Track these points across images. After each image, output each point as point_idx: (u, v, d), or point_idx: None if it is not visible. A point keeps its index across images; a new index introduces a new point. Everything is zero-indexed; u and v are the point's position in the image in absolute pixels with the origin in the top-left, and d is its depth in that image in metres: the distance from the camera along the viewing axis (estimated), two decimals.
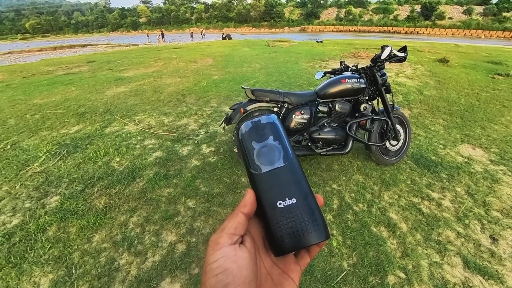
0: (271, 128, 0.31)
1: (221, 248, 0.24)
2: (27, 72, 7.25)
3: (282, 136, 0.31)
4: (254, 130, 0.31)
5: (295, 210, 0.26)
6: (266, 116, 0.33)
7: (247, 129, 0.32)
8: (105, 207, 1.82)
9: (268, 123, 0.32)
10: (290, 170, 0.29)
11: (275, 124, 0.32)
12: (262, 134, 0.31)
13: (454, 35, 40.74)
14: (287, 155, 0.29)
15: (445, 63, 6.80)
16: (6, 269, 1.40)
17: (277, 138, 0.31)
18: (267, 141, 0.30)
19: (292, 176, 0.28)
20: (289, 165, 0.29)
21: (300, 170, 0.30)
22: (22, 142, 2.84)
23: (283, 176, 0.28)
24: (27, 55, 15.06)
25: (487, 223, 1.71)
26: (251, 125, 0.32)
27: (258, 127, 0.31)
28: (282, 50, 9.88)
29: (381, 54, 1.84)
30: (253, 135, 0.31)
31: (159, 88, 4.84)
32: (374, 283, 1.31)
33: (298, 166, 0.30)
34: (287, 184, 0.28)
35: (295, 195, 0.27)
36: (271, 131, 0.31)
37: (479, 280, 1.35)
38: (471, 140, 2.79)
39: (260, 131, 0.31)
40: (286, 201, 0.27)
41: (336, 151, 2.05)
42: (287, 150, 0.30)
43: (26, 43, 39.58)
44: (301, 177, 0.29)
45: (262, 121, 0.32)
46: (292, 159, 0.29)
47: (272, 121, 0.32)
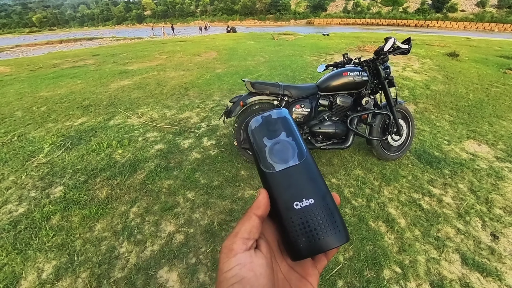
0: (283, 123, 0.30)
1: (236, 255, 0.22)
2: (34, 65, 7.34)
3: (295, 131, 0.29)
4: (265, 126, 0.29)
5: (313, 211, 0.25)
6: (277, 110, 0.31)
7: (257, 125, 0.30)
8: (106, 198, 1.86)
9: (279, 118, 0.30)
10: (305, 168, 0.27)
11: (287, 119, 0.30)
12: (273, 129, 0.29)
13: (466, 28, 39.38)
14: (302, 152, 0.28)
15: (454, 57, 6.60)
16: (12, 255, 1.45)
17: (290, 134, 0.29)
18: (280, 138, 0.28)
19: (308, 175, 0.27)
20: (304, 163, 0.27)
21: (316, 168, 0.28)
22: (29, 134, 2.90)
23: (299, 174, 0.26)
24: (34, 49, 15.23)
25: (489, 220, 1.68)
26: (262, 120, 0.30)
27: (269, 122, 0.30)
28: (287, 43, 9.74)
29: (384, 46, 1.80)
30: (264, 131, 0.29)
31: (163, 81, 4.85)
32: (369, 277, 1.31)
33: (313, 164, 0.28)
34: (304, 183, 0.26)
35: (312, 195, 0.25)
36: (283, 126, 0.29)
37: (476, 277, 1.33)
38: (477, 136, 2.73)
39: (272, 127, 0.29)
40: (303, 201, 0.25)
41: (336, 146, 2.03)
42: (301, 147, 0.28)
43: (33, 36, 40.00)
44: (318, 176, 0.27)
45: (273, 115, 0.30)
46: (307, 156, 0.28)
47: (283, 116, 0.30)
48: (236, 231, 0.24)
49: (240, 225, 0.24)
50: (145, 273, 1.34)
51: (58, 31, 64.95)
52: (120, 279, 1.32)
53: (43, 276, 1.34)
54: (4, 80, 5.52)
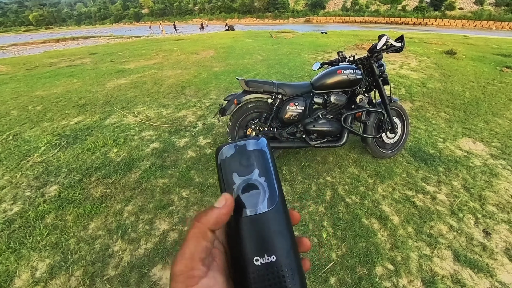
0: (258, 157, 0.26)
1: (199, 282, 0.19)
2: (30, 64, 7.29)
3: (270, 170, 0.26)
4: (237, 158, 0.26)
5: (273, 270, 0.22)
6: (254, 140, 0.27)
7: (229, 155, 0.26)
8: (101, 196, 1.86)
9: (255, 151, 0.26)
10: (274, 217, 0.24)
11: (264, 153, 0.26)
12: (246, 164, 0.25)
13: (464, 26, 39.39)
14: (273, 197, 0.25)
15: (452, 55, 6.60)
16: (6, 253, 1.45)
17: (264, 172, 0.25)
18: (251, 176, 0.25)
19: (276, 226, 0.24)
20: (274, 210, 0.24)
21: (286, 216, 0.25)
22: (24, 133, 2.89)
23: (265, 224, 0.24)
24: (30, 47, 15.12)
25: (482, 217, 1.70)
26: (234, 150, 0.26)
27: (243, 154, 0.26)
28: (285, 42, 9.72)
29: (377, 44, 1.80)
30: (235, 165, 0.25)
31: (159, 80, 4.83)
32: (361, 274, 1.32)
33: (283, 212, 0.25)
34: (269, 236, 0.23)
35: (276, 251, 0.23)
36: (257, 162, 0.26)
37: (468, 273, 1.35)
38: (472, 134, 2.74)
39: (244, 161, 0.25)
40: (264, 257, 0.23)
41: (331, 144, 2.03)
42: (273, 191, 0.25)
43: (29, 35, 39.68)
44: (285, 227, 0.24)
45: (249, 146, 0.26)
46: (278, 202, 0.25)
47: (260, 148, 0.26)
48: (191, 251, 0.20)
49: (194, 244, 0.21)
50: (139, 271, 1.35)
51: (55, 29, 64.45)
52: (114, 277, 1.32)
53: (37, 275, 1.34)
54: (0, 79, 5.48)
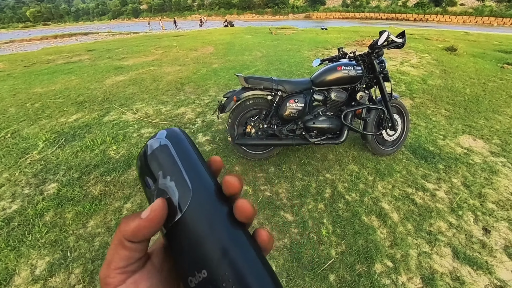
0: (158, 157, 0.22)
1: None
2: (28, 61, 7.23)
3: (175, 163, 0.22)
4: (143, 168, 0.23)
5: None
6: (152, 140, 0.23)
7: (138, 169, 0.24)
8: (100, 194, 1.85)
9: (155, 151, 0.23)
10: (192, 218, 0.19)
11: (164, 148, 0.22)
12: (149, 172, 0.22)
13: (465, 22, 39.12)
14: (185, 193, 0.20)
15: (452, 51, 6.56)
16: (5, 251, 1.45)
17: (168, 171, 0.21)
18: (157, 184, 0.22)
19: (197, 228, 0.19)
20: (190, 210, 0.20)
21: (212, 208, 0.20)
22: (22, 131, 2.87)
23: (184, 233, 0.19)
24: (28, 44, 14.99)
25: (481, 214, 1.70)
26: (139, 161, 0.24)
27: (145, 161, 0.23)
28: (285, 38, 9.64)
29: (378, 40, 1.78)
30: (146, 172, 0.23)
31: (158, 76, 4.80)
32: (361, 271, 1.32)
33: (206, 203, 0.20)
34: (192, 245, 0.19)
35: (204, 263, 0.18)
36: (158, 163, 0.22)
37: (467, 270, 1.35)
38: (472, 131, 2.73)
39: (147, 169, 0.23)
40: (196, 276, 0.18)
41: (331, 141, 2.02)
42: (184, 186, 0.20)
43: (27, 31, 39.32)
44: (212, 225, 0.19)
45: (148, 150, 0.23)
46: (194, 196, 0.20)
47: (158, 145, 0.23)
48: (109, 260, 0.20)
49: (112, 252, 0.20)
50: None
51: (52, 26, 63.86)
52: None
53: (37, 272, 1.34)
54: None
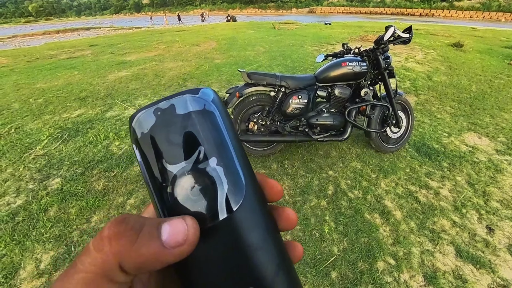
0: (201, 125, 0.15)
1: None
2: (31, 56, 7.24)
3: (226, 143, 0.16)
4: (162, 132, 0.15)
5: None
6: (190, 96, 0.16)
7: (148, 129, 0.15)
8: (103, 189, 1.86)
9: (193, 114, 0.15)
10: (243, 223, 0.15)
11: (210, 116, 0.16)
12: (179, 143, 0.15)
13: (472, 18, 38.30)
14: (237, 188, 0.15)
15: (459, 47, 6.45)
16: (11, 246, 1.47)
17: (214, 151, 0.15)
18: (192, 161, 0.15)
19: (249, 237, 0.15)
20: (242, 212, 0.15)
21: (264, 215, 0.16)
22: (26, 126, 2.89)
23: (230, 239, 0.15)
24: (30, 39, 15.00)
25: (485, 213, 1.68)
26: (156, 118, 0.15)
27: (171, 124, 0.15)
28: (288, 33, 9.54)
29: (384, 35, 1.74)
30: (159, 146, 0.15)
31: (161, 72, 4.78)
32: (363, 268, 1.32)
33: (259, 209, 0.16)
34: (238, 257, 0.15)
35: (254, 280, 0.14)
36: (200, 133, 0.15)
37: (470, 269, 1.34)
38: (478, 129, 2.69)
39: (176, 135, 0.15)
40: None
41: (334, 138, 2.01)
42: (237, 177, 0.15)
43: (29, 26, 39.30)
44: (266, 235, 0.15)
45: (179, 108, 0.15)
46: (247, 195, 0.15)
47: (201, 109, 0.16)
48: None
49: None
50: None
51: (55, 20, 63.76)
52: None
53: (41, 267, 1.36)
54: (0, 72, 5.46)
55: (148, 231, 0.13)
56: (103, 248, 0.12)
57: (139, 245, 0.12)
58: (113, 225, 0.13)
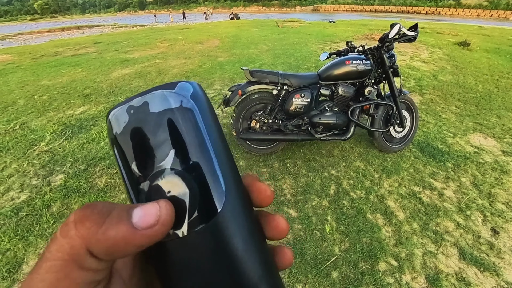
0: (176, 124, 0.14)
1: None
2: (36, 53, 7.30)
3: (205, 144, 0.14)
4: (134, 132, 0.14)
5: None
6: (165, 91, 0.15)
7: (120, 129, 0.15)
8: (106, 186, 1.87)
9: (168, 112, 0.14)
10: (222, 231, 0.14)
11: (187, 113, 0.15)
12: (151, 144, 0.14)
13: (480, 16, 37.65)
14: (217, 194, 0.14)
15: (465, 46, 6.34)
16: (14, 240, 1.49)
17: (191, 153, 0.14)
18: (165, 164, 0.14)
19: (228, 246, 0.14)
20: (221, 219, 0.14)
21: (246, 222, 0.15)
22: (30, 122, 2.91)
23: (208, 248, 0.14)
24: (36, 36, 15.13)
25: (490, 215, 1.65)
26: (128, 117, 0.15)
27: (144, 123, 0.14)
28: (292, 31, 9.48)
29: (389, 33, 1.71)
30: (131, 146, 0.14)
31: (164, 70, 4.79)
32: (364, 269, 1.31)
33: (241, 215, 0.15)
34: (217, 267, 0.14)
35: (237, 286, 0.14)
36: (177, 134, 0.14)
37: (473, 271, 1.32)
38: (484, 129, 2.65)
39: (147, 136, 0.14)
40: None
41: (337, 137, 1.99)
42: (216, 181, 0.14)
43: (35, 24, 39.67)
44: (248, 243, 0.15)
45: (153, 106, 0.14)
46: (227, 201, 0.14)
47: (178, 106, 0.15)
48: None
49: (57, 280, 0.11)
50: None
51: (60, 18, 64.24)
52: None
53: None
54: (6, 69, 5.52)
55: (117, 214, 0.13)
56: (69, 233, 0.12)
57: (106, 228, 0.12)
58: (80, 210, 0.13)
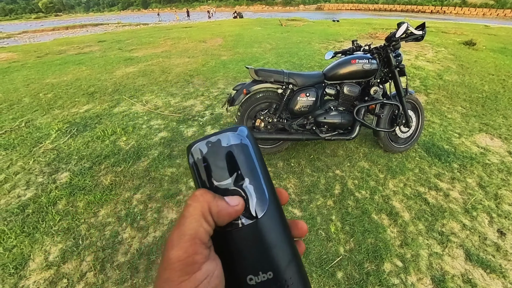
0: (238, 154, 0.21)
1: (201, 268, 0.18)
2: (41, 51, 7.36)
3: (255, 168, 0.22)
4: (212, 159, 0.21)
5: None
6: (231, 133, 0.22)
7: (201, 156, 0.22)
8: (111, 184, 1.88)
9: (234, 146, 0.22)
10: (267, 225, 0.21)
11: (245, 147, 0.22)
12: (223, 166, 0.21)
13: (486, 15, 37.13)
14: (262, 201, 0.21)
15: (471, 46, 6.27)
16: (21, 237, 1.50)
17: (247, 172, 0.21)
18: (231, 180, 0.21)
19: (270, 236, 0.20)
20: (266, 217, 0.21)
21: (280, 220, 0.21)
22: (36, 120, 2.94)
23: (256, 237, 0.20)
24: (40, 35, 15.23)
25: (497, 216, 1.64)
26: (207, 149, 0.22)
27: (218, 153, 0.21)
28: (295, 30, 9.44)
29: (396, 32, 1.69)
30: (210, 168, 0.21)
31: (167, 68, 4.80)
32: (369, 269, 1.31)
33: (277, 216, 0.21)
34: (262, 249, 0.20)
35: (272, 266, 0.20)
36: (237, 160, 0.21)
37: (480, 273, 1.31)
38: (490, 130, 2.62)
39: (220, 162, 0.21)
40: (259, 276, 0.20)
41: (342, 136, 1.98)
42: (262, 194, 0.21)
43: (39, 22, 39.93)
44: (281, 234, 0.21)
45: (224, 141, 0.22)
46: (269, 207, 0.21)
47: (239, 142, 0.22)
48: (193, 234, 0.18)
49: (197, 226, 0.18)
50: (147, 258, 1.37)
51: (64, 16, 64.59)
52: (123, 263, 1.35)
53: (50, 259, 1.38)
54: (12, 67, 5.56)
55: (218, 196, 0.20)
56: (198, 200, 0.19)
57: (216, 200, 0.20)
58: (200, 190, 0.20)
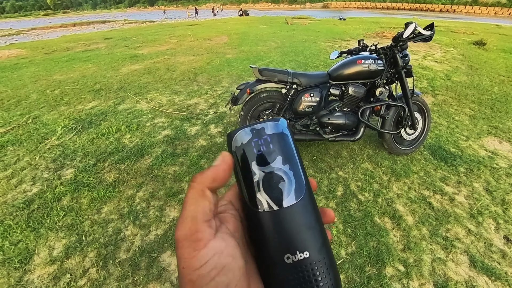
0: (280, 142, 0.23)
1: (207, 245, 0.19)
2: (48, 48, 7.46)
3: (294, 156, 0.23)
4: (255, 145, 0.22)
5: (307, 268, 0.20)
6: (273, 122, 0.23)
7: (245, 142, 0.23)
8: (114, 181, 1.90)
9: (275, 134, 0.23)
10: (303, 209, 0.22)
11: (286, 136, 0.23)
12: (266, 152, 0.22)
13: (497, 14, 36.23)
14: (300, 187, 0.22)
15: (481, 46, 6.13)
16: (26, 232, 1.53)
17: (287, 159, 0.22)
18: (274, 165, 0.22)
19: (306, 219, 0.22)
20: (302, 202, 0.22)
21: (315, 208, 0.23)
22: (42, 117, 2.98)
23: (294, 218, 0.21)
24: (48, 32, 15.45)
25: (503, 222, 1.60)
26: (252, 135, 0.23)
27: (261, 140, 0.23)
28: (301, 28, 9.37)
29: (404, 32, 1.66)
30: (253, 152, 0.22)
31: (172, 66, 4.81)
32: (370, 273, 1.29)
33: (312, 203, 0.22)
34: (299, 230, 0.21)
35: (308, 246, 0.21)
36: (280, 147, 0.22)
37: (484, 280, 1.28)
38: (499, 133, 2.56)
39: (264, 147, 0.22)
40: (296, 255, 0.20)
41: (346, 137, 1.96)
42: (300, 179, 0.22)
43: (48, 19, 40.48)
44: (316, 219, 0.22)
45: (267, 130, 0.23)
46: (305, 193, 0.22)
47: (281, 131, 0.23)
48: (193, 214, 0.19)
49: (194, 205, 0.19)
50: (149, 256, 1.38)
51: (71, 13, 65.41)
52: (125, 260, 1.36)
53: (54, 254, 1.41)
54: (20, 63, 5.66)
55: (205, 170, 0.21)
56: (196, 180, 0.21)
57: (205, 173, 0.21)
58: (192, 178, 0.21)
